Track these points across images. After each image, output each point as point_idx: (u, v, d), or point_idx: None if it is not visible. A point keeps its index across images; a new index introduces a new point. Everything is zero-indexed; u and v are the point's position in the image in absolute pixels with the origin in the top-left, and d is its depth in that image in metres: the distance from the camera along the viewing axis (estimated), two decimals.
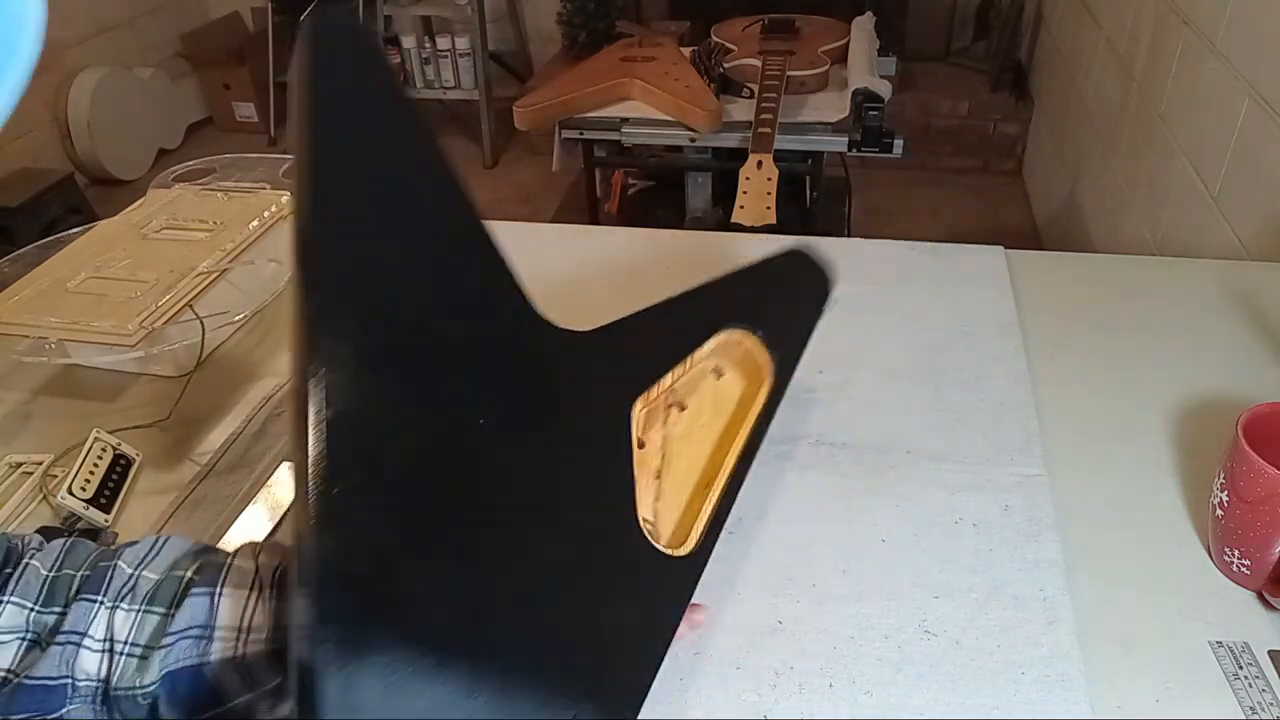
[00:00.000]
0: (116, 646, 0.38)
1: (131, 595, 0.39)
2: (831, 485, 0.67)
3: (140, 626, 0.38)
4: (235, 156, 1.01)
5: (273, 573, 0.40)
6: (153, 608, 0.39)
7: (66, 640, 0.38)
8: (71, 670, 0.37)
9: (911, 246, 0.97)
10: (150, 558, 0.40)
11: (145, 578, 0.39)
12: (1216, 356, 0.79)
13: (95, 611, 0.38)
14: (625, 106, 1.79)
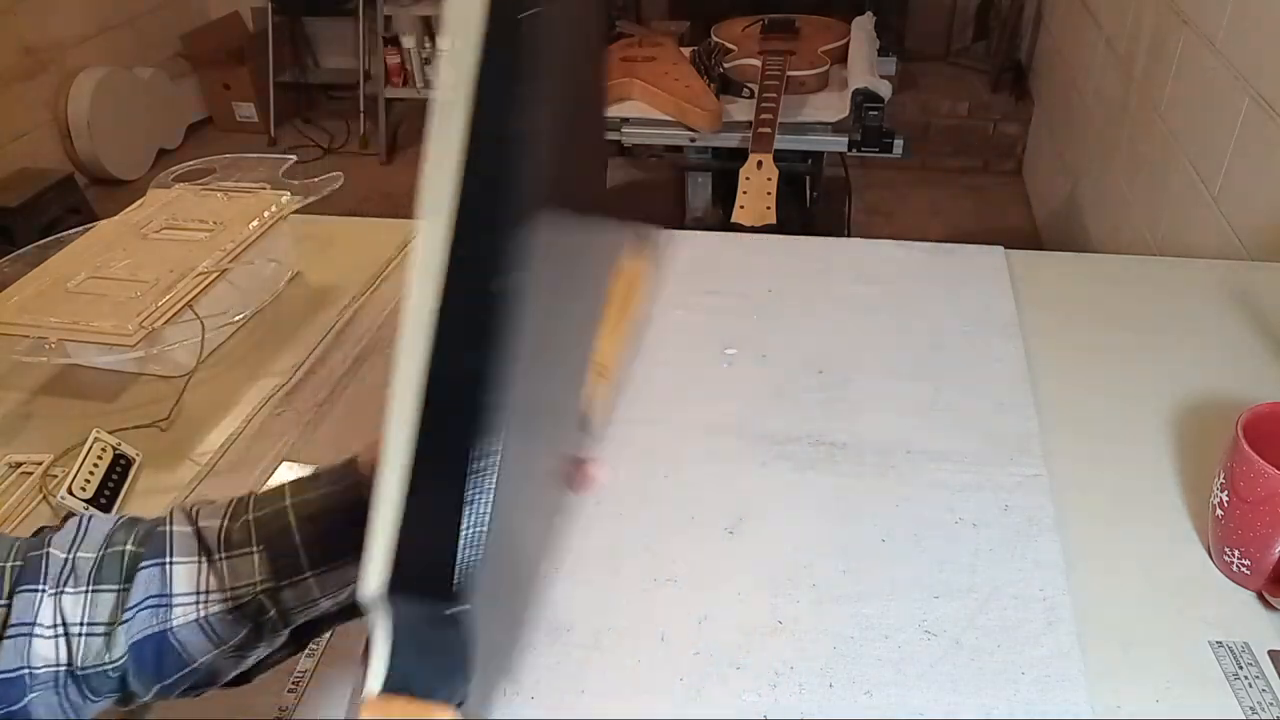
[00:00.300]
0: (72, 629, 0.39)
1: (74, 578, 0.39)
2: (831, 485, 0.67)
3: (93, 606, 0.39)
4: (235, 157, 1.01)
5: (217, 535, 0.41)
6: (101, 586, 0.40)
7: (17, 633, 0.38)
8: (27, 660, 0.38)
9: (911, 246, 0.97)
10: (79, 539, 0.41)
11: (81, 558, 0.40)
12: (1216, 356, 0.79)
13: (39, 600, 0.39)
14: (625, 106, 1.79)
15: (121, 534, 0.42)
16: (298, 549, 0.41)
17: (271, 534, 0.41)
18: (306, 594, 0.41)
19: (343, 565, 0.42)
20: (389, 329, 0.88)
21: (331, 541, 0.42)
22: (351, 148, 3.34)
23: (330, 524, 0.42)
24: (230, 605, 0.40)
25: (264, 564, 0.41)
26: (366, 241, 1.02)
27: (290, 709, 0.53)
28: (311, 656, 0.56)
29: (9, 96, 2.81)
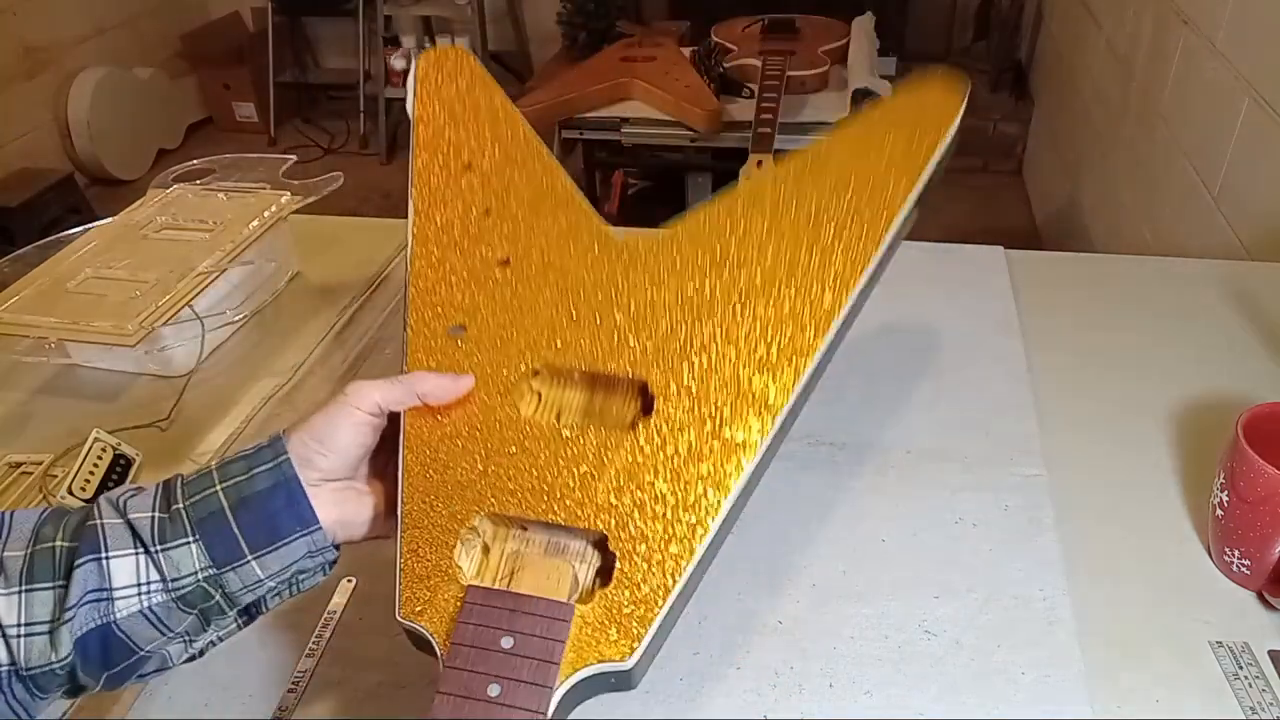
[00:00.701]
0: (9, 630, 0.38)
1: (3, 579, 0.39)
2: (831, 485, 0.67)
3: (28, 606, 0.39)
4: (235, 157, 1.01)
5: (150, 527, 0.41)
6: (35, 585, 0.39)
7: None
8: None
9: (911, 246, 0.96)
10: (4, 536, 0.40)
11: (10, 557, 0.39)
12: (1216, 356, 0.79)
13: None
14: (625, 106, 1.79)
15: (49, 529, 0.41)
16: (236, 535, 0.41)
17: (206, 522, 0.41)
18: (250, 575, 0.42)
19: (282, 547, 0.42)
20: (389, 329, 0.88)
21: (266, 524, 0.42)
22: (351, 148, 3.34)
23: (264, 509, 0.42)
24: (173, 595, 0.40)
25: (202, 553, 0.40)
26: (366, 241, 1.02)
27: (290, 709, 0.53)
28: (311, 656, 0.56)
29: (9, 96, 2.81)
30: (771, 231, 0.54)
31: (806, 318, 0.52)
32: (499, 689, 0.40)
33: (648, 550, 0.44)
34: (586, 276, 0.55)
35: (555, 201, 0.60)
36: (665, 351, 0.51)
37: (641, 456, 0.47)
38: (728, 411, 0.48)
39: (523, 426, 0.49)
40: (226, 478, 0.42)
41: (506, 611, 0.42)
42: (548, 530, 0.46)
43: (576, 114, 1.78)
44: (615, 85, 1.80)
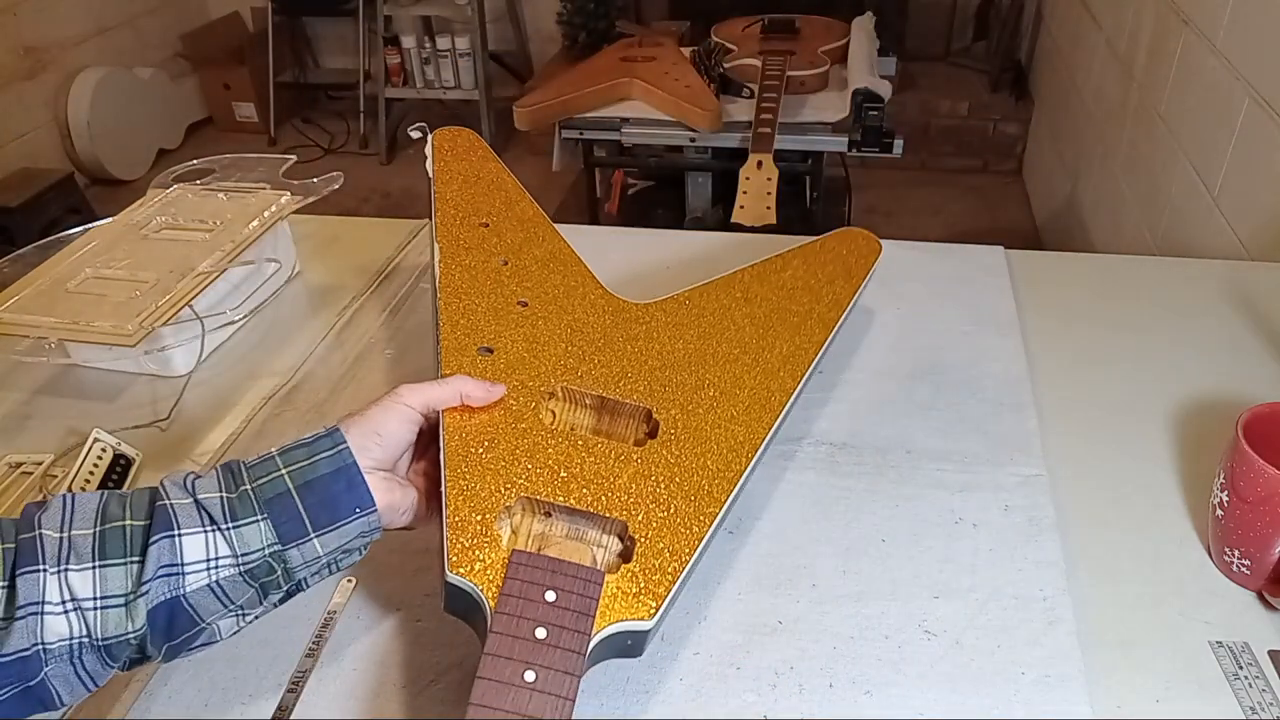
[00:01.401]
0: (84, 604, 0.41)
1: (74, 555, 0.42)
2: (831, 485, 0.67)
3: (103, 581, 0.42)
4: (235, 157, 1.01)
5: (221, 507, 0.44)
6: (108, 561, 0.42)
7: (26, 613, 0.40)
8: (40, 637, 0.40)
9: (911, 246, 0.97)
10: (69, 518, 0.43)
11: (78, 536, 0.42)
12: (1216, 356, 0.79)
13: (42, 580, 0.41)
14: (625, 106, 1.79)
15: (114, 508, 0.44)
16: (301, 515, 0.45)
17: (273, 502, 0.45)
18: (310, 552, 0.46)
19: (341, 526, 0.46)
20: (389, 329, 0.88)
21: (329, 505, 0.46)
22: (351, 148, 3.34)
23: (327, 491, 0.46)
24: (241, 569, 0.44)
25: (270, 530, 0.44)
26: (366, 241, 1.02)
27: (290, 709, 0.53)
28: (311, 656, 0.56)
29: (9, 96, 2.81)
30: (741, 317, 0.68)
31: (778, 370, 0.64)
32: (545, 633, 0.46)
33: (662, 534, 0.52)
34: (594, 324, 0.66)
35: (563, 262, 0.70)
36: (667, 389, 0.61)
37: (652, 464, 0.56)
38: (722, 432, 0.58)
39: (547, 431, 0.57)
40: (290, 463, 0.46)
41: (548, 572, 0.49)
42: (570, 517, 0.53)
43: (576, 114, 1.78)
44: (615, 85, 1.80)
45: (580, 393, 0.60)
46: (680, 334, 0.65)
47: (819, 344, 0.67)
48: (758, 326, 0.66)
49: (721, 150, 1.78)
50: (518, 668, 0.44)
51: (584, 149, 1.91)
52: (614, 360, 0.62)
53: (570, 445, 0.56)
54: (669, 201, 2.06)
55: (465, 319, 0.63)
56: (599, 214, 2.14)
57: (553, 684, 0.44)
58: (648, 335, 0.65)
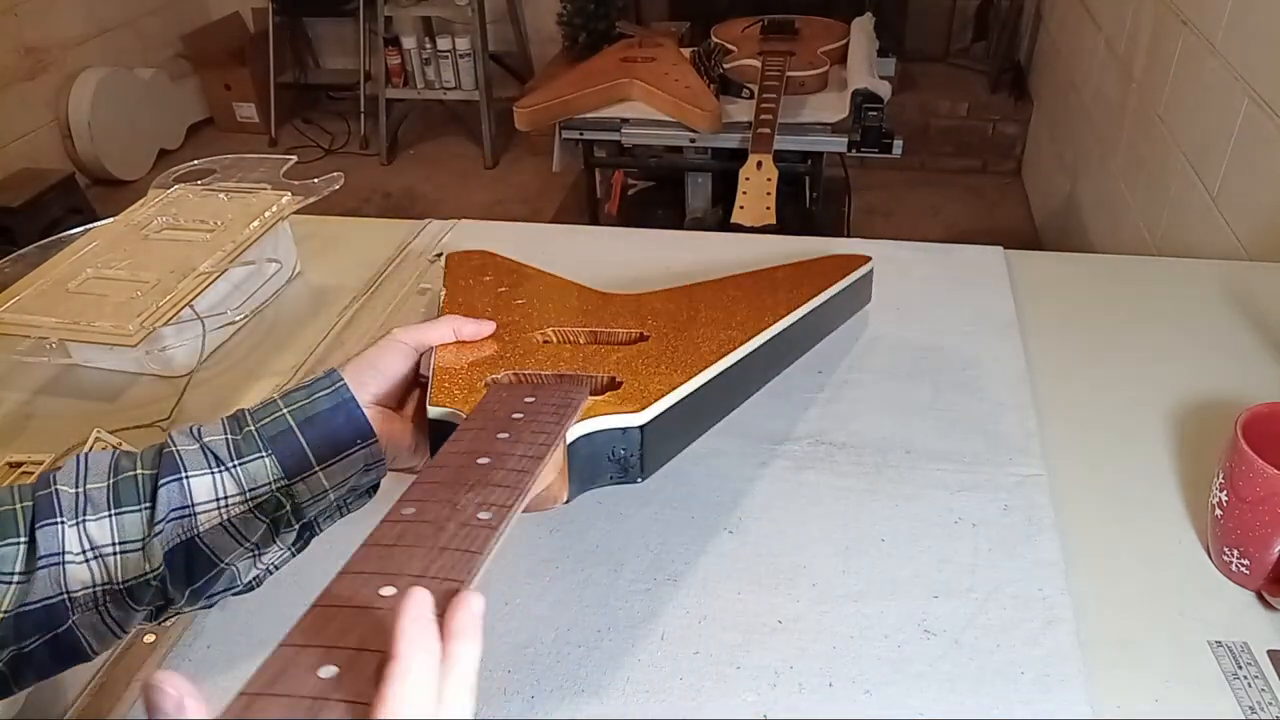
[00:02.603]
0: (104, 550, 0.43)
1: (91, 507, 0.43)
2: (831, 485, 0.67)
3: (120, 528, 0.44)
4: (236, 157, 1.01)
5: (226, 447, 0.46)
6: (122, 509, 0.44)
7: (47, 564, 0.42)
8: (64, 586, 0.42)
9: (911, 246, 0.97)
10: (84, 474, 0.45)
11: (93, 489, 0.44)
12: (1216, 356, 0.79)
13: (62, 532, 0.43)
14: (625, 107, 1.79)
15: (125, 461, 0.46)
16: (304, 448, 0.46)
17: (276, 440, 0.46)
18: (317, 485, 0.47)
19: (345, 459, 0.48)
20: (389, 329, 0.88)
21: (330, 438, 0.47)
22: (352, 148, 3.34)
23: (328, 425, 0.47)
24: (250, 504, 0.46)
25: (275, 466, 0.46)
26: (366, 241, 1.03)
27: None
28: None
29: (10, 97, 2.81)
30: (731, 289, 0.70)
31: (771, 305, 0.67)
32: (521, 416, 0.45)
33: (653, 375, 0.53)
34: (588, 299, 0.67)
35: (563, 284, 0.72)
36: (658, 320, 0.62)
37: (642, 350, 0.57)
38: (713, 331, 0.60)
39: (540, 345, 0.58)
40: (291, 403, 0.48)
41: (529, 388, 0.49)
42: (559, 383, 0.53)
43: (576, 114, 1.78)
44: (615, 86, 1.80)
45: (573, 331, 0.61)
46: (673, 300, 0.67)
47: (809, 297, 0.69)
48: (747, 294, 0.69)
49: (721, 150, 1.78)
50: (492, 432, 0.44)
51: (584, 149, 1.91)
52: (608, 316, 0.64)
53: (560, 348, 0.58)
54: (669, 202, 2.06)
55: (465, 308, 0.65)
56: (599, 214, 2.14)
57: (528, 439, 0.43)
58: (639, 302, 0.67)
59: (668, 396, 0.50)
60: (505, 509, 0.37)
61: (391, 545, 0.35)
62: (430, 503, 0.38)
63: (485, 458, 0.41)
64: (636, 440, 0.48)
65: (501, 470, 0.40)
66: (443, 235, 1.03)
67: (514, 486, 0.39)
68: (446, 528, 0.36)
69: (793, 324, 0.65)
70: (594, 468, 0.49)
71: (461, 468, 0.41)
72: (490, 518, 0.37)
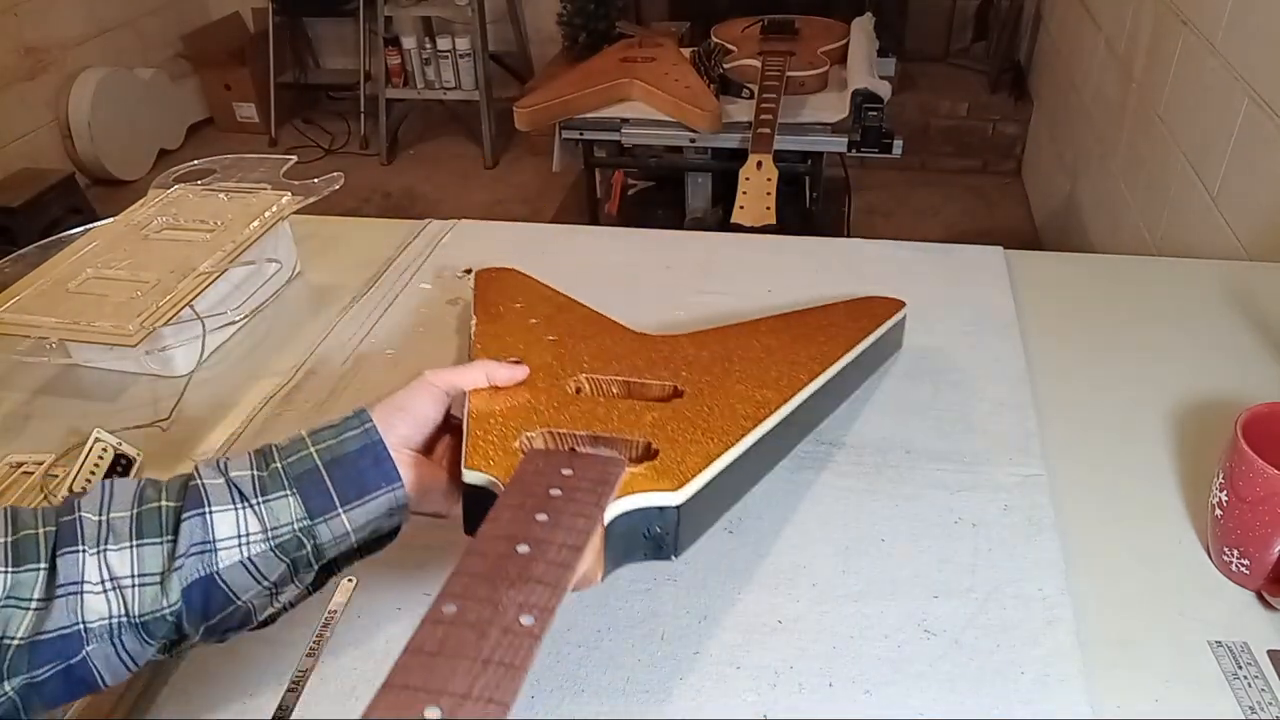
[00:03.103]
0: (123, 582, 0.43)
1: (113, 536, 0.43)
2: (831, 485, 0.67)
3: (140, 560, 0.43)
4: (236, 157, 1.01)
5: (251, 483, 0.46)
6: (144, 541, 0.43)
7: (66, 592, 0.42)
8: (81, 616, 0.42)
9: (911, 246, 0.97)
10: (108, 501, 0.45)
11: (117, 518, 0.44)
12: (1216, 356, 0.80)
13: (82, 560, 0.42)
14: (625, 107, 1.79)
15: (151, 491, 0.45)
16: (330, 490, 0.46)
17: (302, 478, 0.46)
18: (339, 528, 0.47)
19: (369, 502, 0.47)
20: (388, 329, 0.88)
21: (356, 480, 0.47)
22: (352, 148, 3.34)
23: (354, 467, 0.47)
24: (271, 544, 0.45)
25: (299, 505, 0.45)
26: (366, 241, 1.03)
27: (290, 708, 0.53)
28: (312, 656, 0.56)
29: (10, 97, 2.81)
30: (766, 337, 0.69)
31: (805, 361, 0.65)
32: (560, 493, 0.45)
33: (689, 443, 0.52)
34: (621, 341, 0.67)
35: (595, 318, 0.72)
36: (693, 372, 0.61)
37: (677, 410, 0.56)
38: (749, 392, 0.59)
39: (572, 395, 0.58)
40: (319, 442, 0.48)
41: (566, 458, 0.48)
42: (595, 447, 0.53)
43: (576, 114, 1.78)
44: (615, 86, 1.80)
45: (606, 380, 0.61)
46: (706, 346, 0.66)
47: (845, 349, 0.67)
48: (782, 343, 0.67)
49: (721, 150, 1.78)
50: (530, 512, 0.43)
51: (584, 149, 1.91)
52: (640, 362, 0.63)
53: (594, 402, 0.57)
54: (669, 202, 2.06)
55: (496, 344, 0.65)
56: (599, 214, 2.14)
57: (566, 523, 0.42)
58: (672, 348, 0.66)
59: (704, 472, 0.50)
60: (547, 613, 0.37)
61: (434, 654, 0.35)
62: (471, 600, 0.37)
63: (525, 544, 0.41)
64: (673, 519, 0.48)
65: (542, 563, 0.40)
66: (443, 235, 1.03)
67: (555, 584, 0.39)
68: (489, 634, 0.36)
69: (826, 383, 0.64)
70: (629, 545, 0.48)
71: (501, 557, 0.40)
72: (532, 624, 0.36)
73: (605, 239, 1.07)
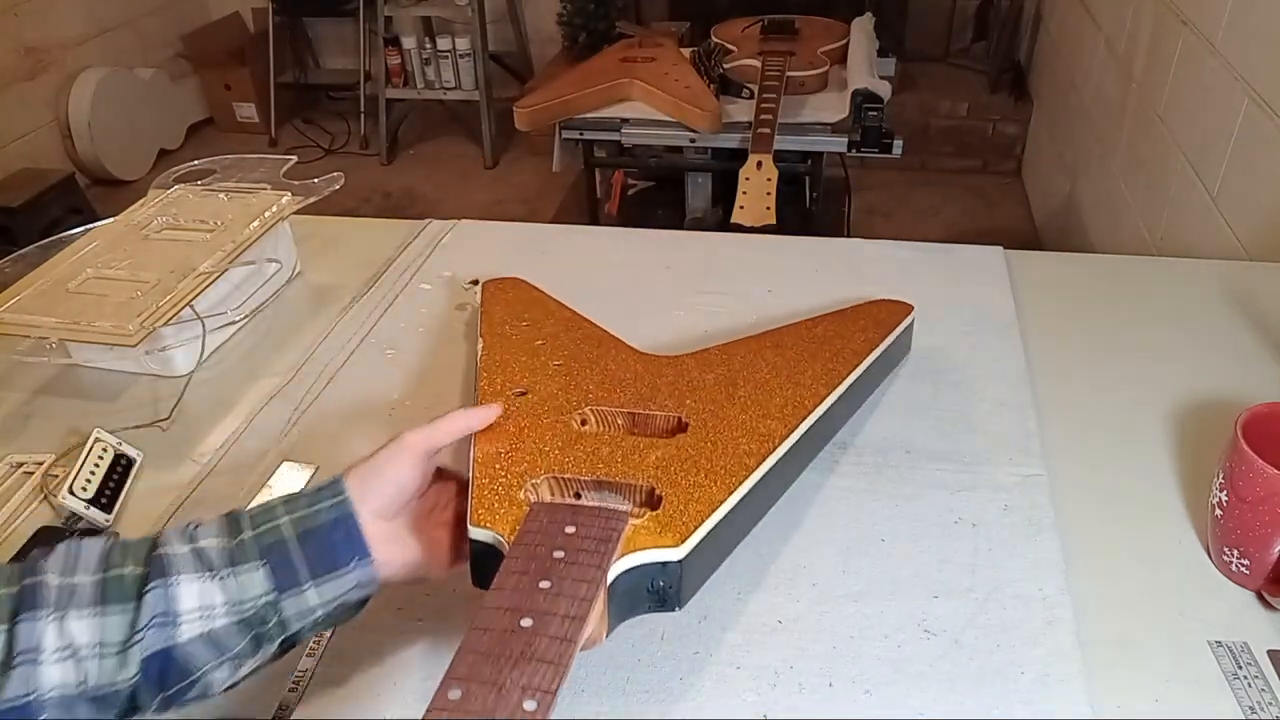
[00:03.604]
0: (82, 652, 0.41)
1: (75, 601, 0.42)
2: (831, 485, 0.67)
3: (104, 629, 0.42)
4: (236, 157, 1.01)
5: (219, 553, 0.45)
6: (108, 608, 0.42)
7: (22, 660, 0.40)
8: (36, 685, 0.40)
9: (911, 246, 0.97)
10: (73, 564, 0.44)
11: (81, 582, 0.43)
12: (1216, 356, 0.80)
13: (42, 628, 0.41)
14: (625, 107, 1.79)
15: (117, 556, 0.44)
16: (300, 563, 0.45)
17: (272, 549, 0.45)
18: (304, 603, 0.45)
19: (338, 576, 0.46)
20: (388, 329, 0.88)
21: (327, 555, 0.46)
22: (352, 148, 3.34)
23: (326, 539, 0.46)
24: (235, 618, 0.44)
25: (268, 577, 0.44)
26: (366, 241, 1.03)
27: (290, 708, 0.53)
28: (312, 656, 0.56)
29: (10, 97, 2.81)
30: (771, 355, 0.68)
31: (811, 384, 0.65)
32: (563, 554, 0.45)
33: (692, 491, 0.52)
34: (627, 366, 0.67)
35: (600, 338, 0.72)
36: (698, 401, 0.62)
37: (681, 448, 0.56)
38: (753, 424, 0.59)
39: (578, 431, 0.59)
40: (292, 511, 0.47)
41: (569, 512, 0.49)
42: (597, 490, 0.54)
43: (576, 114, 1.78)
44: (615, 86, 1.80)
45: (611, 411, 0.61)
46: (711, 368, 0.66)
47: (852, 366, 0.67)
48: (788, 360, 0.67)
49: (721, 150, 1.78)
50: (534, 578, 0.43)
51: (584, 149, 1.91)
52: (645, 389, 0.63)
53: (599, 440, 0.57)
54: (669, 202, 2.06)
55: (502, 373, 0.65)
56: (599, 214, 2.14)
57: (569, 590, 0.43)
58: (677, 371, 0.66)
59: (706, 522, 0.50)
60: (550, 695, 0.37)
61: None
62: (476, 684, 0.37)
63: (528, 617, 0.41)
64: (676, 573, 0.48)
65: (545, 638, 0.40)
66: (443, 235, 1.03)
67: (558, 663, 0.39)
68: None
69: (832, 405, 0.64)
70: (632, 600, 0.48)
71: (505, 632, 0.40)
72: (535, 709, 0.37)
73: (605, 239, 1.06)
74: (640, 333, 0.74)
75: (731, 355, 0.68)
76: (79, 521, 0.65)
